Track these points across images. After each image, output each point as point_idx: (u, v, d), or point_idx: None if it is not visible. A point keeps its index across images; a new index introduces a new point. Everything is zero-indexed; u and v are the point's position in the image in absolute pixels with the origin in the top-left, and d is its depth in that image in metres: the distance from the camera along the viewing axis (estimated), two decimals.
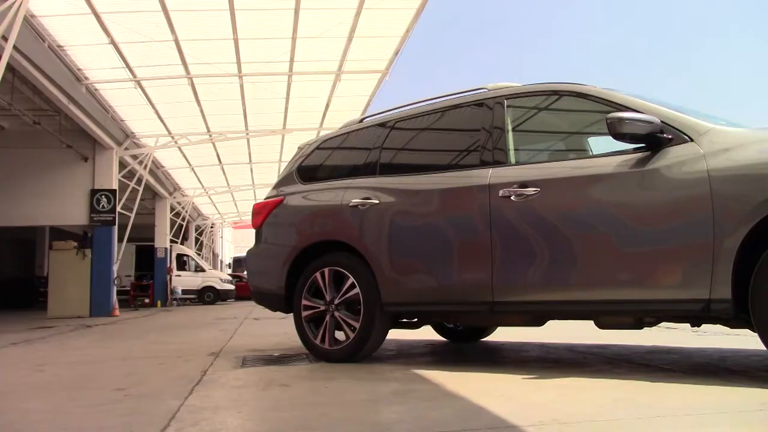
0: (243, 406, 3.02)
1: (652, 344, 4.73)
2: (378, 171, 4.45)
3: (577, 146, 4.40)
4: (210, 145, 18.70)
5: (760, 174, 2.91)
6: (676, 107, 3.41)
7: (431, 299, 4.00)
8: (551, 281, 3.50)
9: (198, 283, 25.06)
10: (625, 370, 3.57)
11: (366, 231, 4.28)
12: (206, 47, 12.31)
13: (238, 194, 27.83)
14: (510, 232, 3.64)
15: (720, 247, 2.95)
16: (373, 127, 4.75)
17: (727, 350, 4.32)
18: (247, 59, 12.94)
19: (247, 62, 13.09)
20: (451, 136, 4.44)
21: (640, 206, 3.26)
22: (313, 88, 14.97)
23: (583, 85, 3.73)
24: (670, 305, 3.18)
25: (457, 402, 2.86)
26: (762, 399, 2.60)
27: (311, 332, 4.47)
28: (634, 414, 2.45)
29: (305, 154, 5.13)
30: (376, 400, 2.99)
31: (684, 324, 3.58)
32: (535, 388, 3.16)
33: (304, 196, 4.83)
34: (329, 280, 4.39)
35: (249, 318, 11.29)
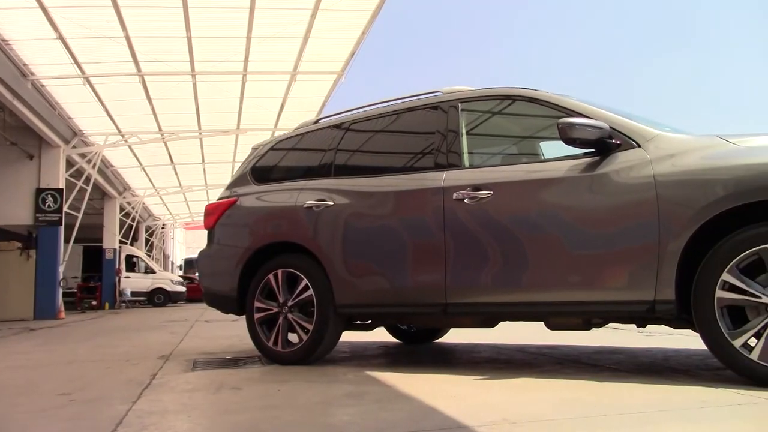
0: (193, 409, 2.97)
1: (600, 345, 4.84)
2: (333, 173, 4.44)
3: (530, 150, 4.48)
4: (162, 144, 18.36)
5: (703, 179, 3.01)
6: (624, 113, 3.50)
7: (385, 301, 4.01)
8: (503, 283, 3.55)
9: (148, 284, 24.56)
10: (573, 370, 3.65)
11: (320, 232, 4.27)
12: (158, 45, 12.09)
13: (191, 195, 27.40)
14: (463, 235, 3.68)
15: (665, 250, 3.05)
16: (328, 128, 4.73)
17: (671, 350, 4.45)
18: (201, 58, 12.76)
19: (200, 61, 12.91)
20: (406, 138, 4.46)
21: (589, 210, 3.34)
22: (268, 88, 14.86)
23: (535, 90, 3.80)
24: (617, 306, 3.26)
25: (410, 403, 2.87)
26: (702, 397, 2.68)
27: (264, 334, 4.43)
28: (581, 413, 2.50)
29: (259, 155, 5.09)
30: (328, 403, 2.98)
31: (630, 325, 3.68)
32: (486, 388, 3.20)
33: (258, 197, 4.78)
34: (282, 281, 4.36)
35: (200, 320, 11.12)
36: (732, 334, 2.88)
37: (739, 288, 2.87)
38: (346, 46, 12.95)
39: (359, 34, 12.37)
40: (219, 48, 12.46)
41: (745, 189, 2.90)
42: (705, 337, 2.99)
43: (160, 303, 24.13)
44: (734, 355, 2.87)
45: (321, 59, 13.47)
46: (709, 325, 2.94)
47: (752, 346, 2.84)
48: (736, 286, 2.88)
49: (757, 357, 2.81)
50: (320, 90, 15.35)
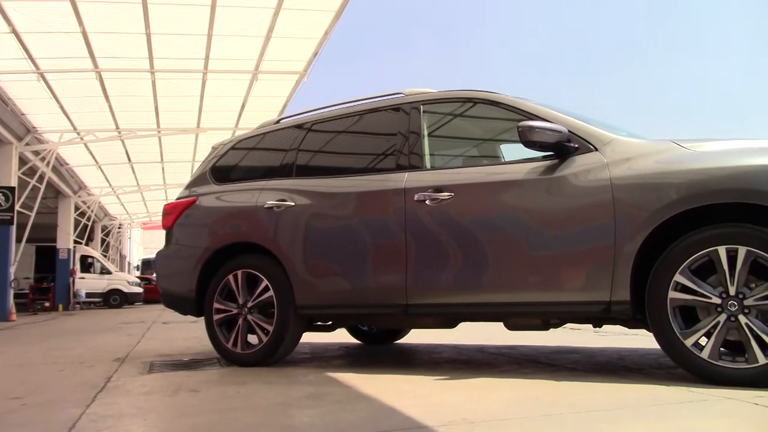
0: (149, 412, 2.91)
1: (558, 344, 4.92)
2: (294, 173, 4.42)
3: (490, 152, 4.52)
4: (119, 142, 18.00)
5: (657, 183, 3.09)
6: (582, 117, 3.57)
7: (346, 302, 4.00)
8: (464, 284, 3.58)
9: (103, 285, 24.02)
10: (532, 370, 3.70)
11: (281, 233, 4.24)
12: (116, 41, 11.85)
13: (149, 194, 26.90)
14: (424, 236, 3.70)
15: (620, 251, 3.12)
16: (289, 128, 4.71)
17: (626, 349, 4.55)
18: (160, 55, 12.55)
19: (159, 58, 12.69)
20: (367, 139, 4.47)
21: (547, 212, 3.39)
22: (229, 87, 14.70)
23: (496, 93, 3.84)
24: (574, 307, 3.32)
25: (371, 404, 2.87)
26: (655, 395, 2.75)
27: (223, 336, 4.38)
28: (539, 412, 2.54)
29: (219, 154, 5.03)
30: (288, 404, 2.96)
31: (587, 325, 3.75)
32: (447, 388, 3.22)
33: (218, 196, 4.73)
34: (242, 282, 4.32)
35: (158, 322, 10.93)
36: (684, 334, 2.96)
37: (690, 289, 2.96)
38: (309, 46, 12.89)
39: (322, 34, 12.33)
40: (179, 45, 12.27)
41: (697, 192, 2.98)
42: (658, 337, 3.07)
43: (116, 304, 23.61)
44: (686, 354, 2.95)
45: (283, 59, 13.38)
46: (662, 325, 3.02)
47: (703, 345, 2.92)
48: (688, 287, 2.96)
49: (707, 355, 2.89)
50: (282, 90, 15.25)
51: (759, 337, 2.79)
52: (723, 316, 2.88)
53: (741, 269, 2.85)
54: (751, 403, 2.49)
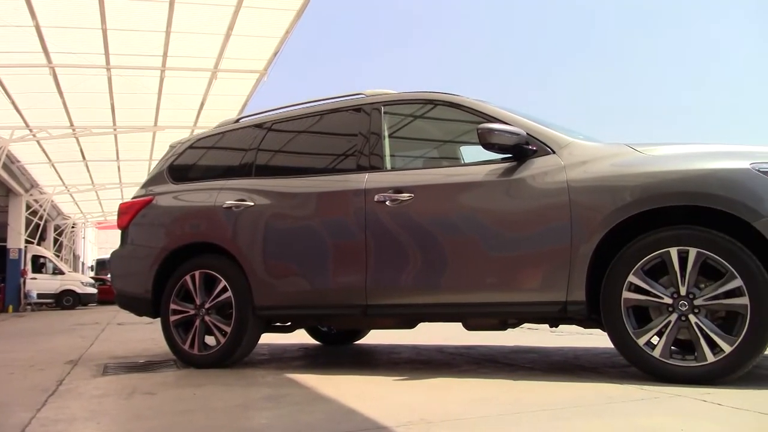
0: (103, 416, 2.85)
1: (515, 344, 4.99)
2: (254, 173, 4.38)
3: (450, 154, 4.56)
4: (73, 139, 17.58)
5: (612, 186, 3.16)
6: (540, 121, 3.62)
7: (305, 302, 3.99)
8: (423, 285, 3.60)
9: (56, 286, 23.40)
10: (490, 370, 3.74)
11: (239, 233, 4.20)
12: (71, 36, 11.57)
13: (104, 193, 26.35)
14: (384, 237, 3.71)
15: (576, 253, 3.17)
16: (249, 127, 4.66)
17: (581, 349, 4.64)
18: (117, 51, 12.31)
19: (116, 54, 12.45)
20: (328, 140, 4.45)
21: (506, 213, 3.43)
22: (187, 85, 14.50)
23: (456, 95, 3.87)
24: (531, 307, 3.37)
25: (329, 405, 2.86)
26: (609, 393, 2.81)
27: (179, 337, 4.31)
28: (497, 411, 2.57)
29: (177, 153, 4.95)
30: (246, 406, 2.93)
31: (544, 325, 3.81)
32: (405, 388, 3.23)
33: (175, 196, 4.65)
34: (200, 283, 4.26)
35: (112, 323, 10.71)
36: (637, 333, 3.03)
37: (643, 289, 3.03)
38: (270, 45, 12.80)
39: (283, 33, 12.26)
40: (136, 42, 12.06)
41: (650, 195, 3.06)
42: (612, 336, 3.14)
43: (69, 305, 23.03)
44: (638, 353, 3.03)
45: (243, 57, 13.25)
46: (616, 324, 3.09)
47: (655, 344, 3.00)
48: (641, 287, 3.03)
49: (659, 354, 2.97)
50: (242, 88, 15.11)
51: (708, 336, 2.87)
52: (674, 315, 2.96)
53: (691, 270, 2.94)
54: (699, 400, 2.56)
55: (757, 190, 2.88)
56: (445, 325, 4.29)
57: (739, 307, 2.84)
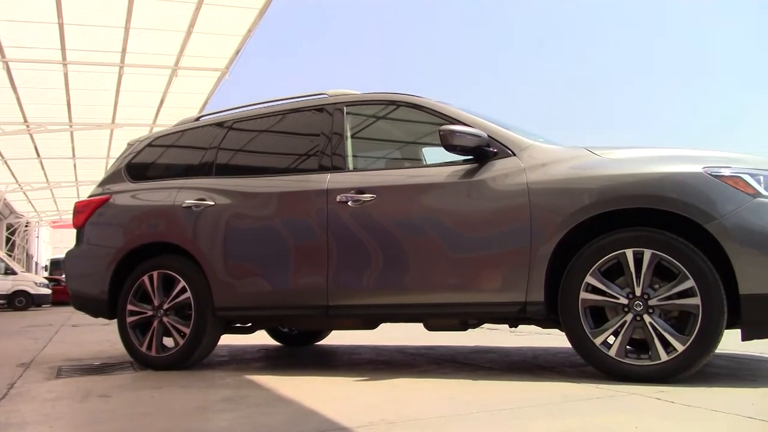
0: (56, 420, 2.78)
1: (476, 344, 5.03)
2: (214, 172, 4.33)
3: (413, 155, 4.58)
4: (27, 136, 17.11)
5: (571, 188, 3.22)
6: (501, 123, 3.66)
7: (266, 303, 3.95)
8: (384, 285, 3.60)
9: (8, 287, 22.68)
10: (450, 370, 3.76)
11: (199, 233, 4.14)
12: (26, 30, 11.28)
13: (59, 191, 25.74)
14: (346, 237, 3.70)
15: (536, 254, 3.22)
16: (210, 126, 4.61)
17: (540, 348, 4.71)
18: (74, 46, 12.04)
19: (73, 49, 12.17)
20: (290, 139, 4.43)
21: (467, 214, 3.46)
22: (147, 82, 14.27)
23: (419, 97, 3.89)
24: (491, 308, 3.41)
25: (290, 406, 2.85)
26: (565, 392, 2.86)
27: (137, 339, 4.23)
28: (456, 411, 2.59)
29: (135, 151, 4.86)
30: (205, 408, 2.90)
31: (504, 325, 3.86)
32: (366, 389, 3.23)
33: (133, 195, 4.57)
34: (158, 283, 4.19)
35: (67, 325, 10.45)
36: (593, 333, 3.09)
37: (600, 290, 3.09)
38: (232, 43, 12.70)
39: (245, 31, 12.17)
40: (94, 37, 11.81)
41: (607, 198, 3.13)
42: (570, 336, 3.20)
43: (21, 306, 22.35)
44: (595, 352, 3.09)
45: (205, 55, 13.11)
46: (573, 324, 3.14)
47: (611, 343, 3.06)
48: (598, 288, 3.09)
49: (615, 353, 3.03)
50: (203, 86, 14.94)
51: (662, 336, 2.95)
52: (629, 315, 3.02)
53: (646, 271, 3.01)
54: (653, 398, 2.62)
55: (709, 193, 2.96)
56: (406, 326, 4.30)
57: (691, 307, 2.92)
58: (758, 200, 2.93)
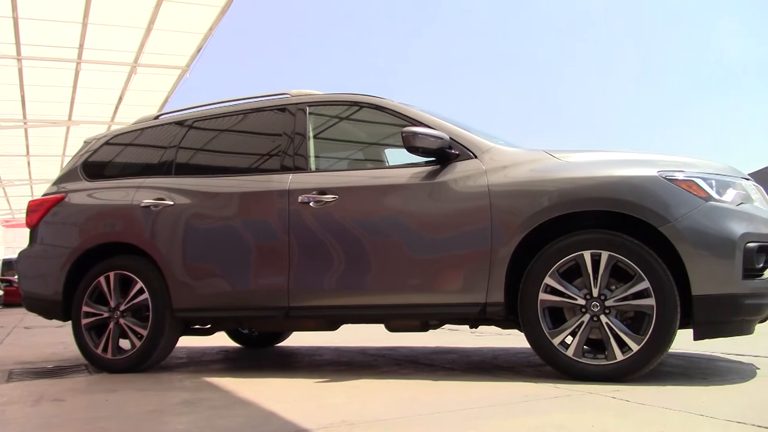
0: (6, 425, 2.70)
1: (436, 345, 5.06)
2: (174, 171, 4.27)
3: (375, 156, 4.59)
4: None
5: (531, 190, 3.26)
6: (463, 125, 3.70)
7: (226, 305, 3.91)
8: (346, 286, 3.60)
9: None
10: (411, 370, 3.78)
11: (158, 233, 4.08)
12: None
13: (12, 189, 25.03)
14: (307, 238, 3.69)
15: (496, 255, 3.26)
16: (170, 124, 4.54)
17: (499, 349, 4.75)
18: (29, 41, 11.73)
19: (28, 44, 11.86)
20: (252, 139, 4.39)
21: (429, 216, 3.48)
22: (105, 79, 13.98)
23: (381, 98, 3.90)
24: (452, 309, 3.43)
25: (249, 408, 2.82)
26: (524, 391, 2.89)
27: (92, 341, 4.14)
28: (417, 411, 2.60)
29: (92, 149, 4.76)
30: (162, 411, 2.85)
31: (464, 325, 3.89)
32: (327, 390, 3.22)
33: (90, 194, 4.47)
34: (115, 284, 4.11)
35: (19, 327, 10.16)
36: (552, 333, 3.14)
37: (558, 291, 3.14)
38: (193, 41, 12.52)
39: (207, 29, 12.02)
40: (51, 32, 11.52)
41: (566, 200, 3.18)
42: (529, 336, 3.24)
43: None
44: (553, 352, 3.13)
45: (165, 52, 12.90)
46: (532, 325, 3.19)
47: (568, 343, 3.12)
48: (557, 289, 3.14)
49: (572, 353, 3.08)
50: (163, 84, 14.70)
51: (617, 336, 3.01)
52: (587, 316, 3.08)
53: (603, 273, 3.07)
54: (609, 397, 2.68)
55: (663, 196, 3.04)
56: (368, 327, 4.30)
57: (646, 308, 2.99)
58: (710, 203, 3.02)
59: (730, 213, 3.02)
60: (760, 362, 3.58)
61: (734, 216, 3.02)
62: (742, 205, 3.09)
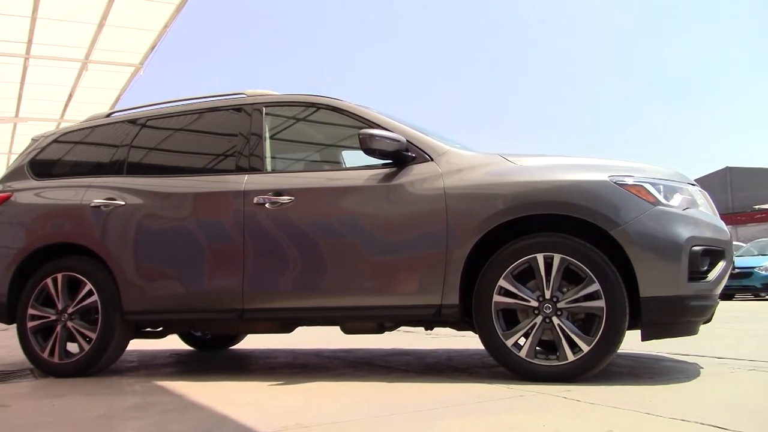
0: None
1: (392, 347, 5.07)
2: (125, 170, 4.17)
3: (332, 158, 4.58)
4: None
5: (486, 193, 3.30)
6: (420, 128, 3.72)
7: (178, 307, 3.84)
8: (301, 288, 3.58)
9: None
10: (366, 373, 3.77)
11: (108, 234, 3.98)
12: None
13: None
14: (263, 239, 3.65)
15: (451, 257, 3.28)
16: (122, 123, 4.44)
17: (454, 350, 4.79)
18: None
19: None
20: (207, 139, 4.33)
21: (385, 218, 3.49)
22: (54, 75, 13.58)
23: (339, 99, 3.89)
24: (408, 311, 3.45)
25: (201, 413, 2.77)
26: (478, 392, 2.92)
27: (38, 345, 4.01)
28: (372, 413, 2.60)
29: (40, 147, 4.62)
30: (111, 416, 2.78)
31: (419, 327, 3.91)
32: (281, 393, 3.19)
33: (37, 193, 4.34)
34: (63, 286, 3.99)
35: None
36: (505, 335, 3.18)
37: (512, 293, 3.19)
38: (147, 38, 12.28)
39: (161, 26, 11.80)
40: None
41: (520, 204, 3.23)
42: (483, 338, 3.27)
43: None
44: (507, 354, 3.18)
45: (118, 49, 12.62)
46: (486, 326, 3.22)
47: (521, 345, 3.16)
48: (510, 291, 3.19)
49: (525, 354, 3.13)
50: (115, 82, 14.37)
51: (569, 337, 3.07)
52: (539, 317, 3.13)
53: (556, 275, 3.12)
54: (560, 397, 2.73)
55: (614, 201, 3.11)
56: (323, 329, 4.28)
57: (597, 309, 3.05)
58: (658, 208, 3.10)
59: (677, 217, 3.12)
60: (704, 362, 3.71)
61: (681, 220, 3.12)
62: (688, 209, 3.19)
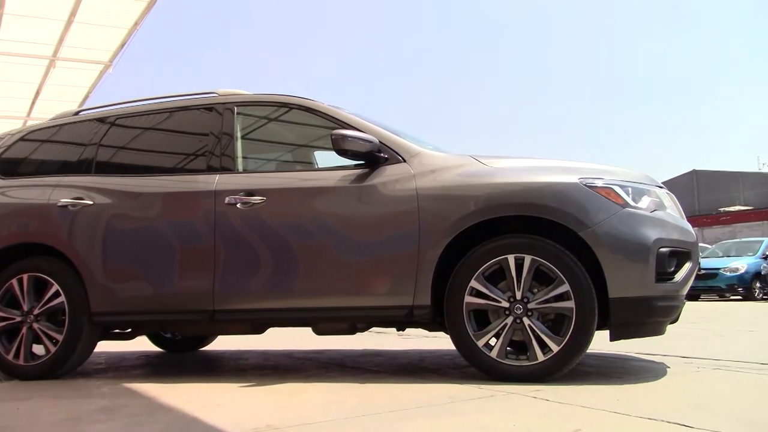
0: None
1: (363, 348, 5.07)
2: (94, 170, 4.11)
3: (304, 158, 4.56)
4: None
5: (458, 195, 3.32)
6: (392, 129, 3.72)
7: (148, 308, 3.79)
8: (272, 289, 3.56)
9: None
10: (337, 374, 3.77)
11: (76, 234, 3.91)
12: None
13: None
14: (234, 240, 3.62)
15: (423, 258, 3.29)
16: (90, 121, 4.37)
17: (426, 351, 4.81)
18: None
19: None
20: (177, 138, 4.28)
21: (357, 219, 3.49)
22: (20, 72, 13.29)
23: (311, 100, 3.88)
24: (380, 311, 3.45)
25: (170, 415, 2.74)
26: (450, 393, 2.94)
27: (2, 347, 3.93)
28: (343, 414, 2.60)
29: (6, 145, 4.52)
30: (77, 419, 2.73)
31: (391, 328, 3.91)
32: (252, 395, 3.17)
33: (2, 192, 4.25)
34: (28, 287, 3.91)
35: None
36: (476, 335, 3.20)
37: (483, 293, 3.21)
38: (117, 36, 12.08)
39: (131, 24, 11.62)
40: None
41: (492, 205, 3.26)
42: (454, 338, 3.29)
43: None
44: (478, 354, 3.20)
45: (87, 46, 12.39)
46: (457, 327, 3.24)
47: (492, 345, 3.19)
48: (482, 291, 3.21)
49: (496, 355, 3.15)
50: (84, 80, 14.11)
51: (539, 337, 3.11)
52: (510, 318, 3.16)
53: (526, 276, 3.16)
54: (530, 397, 2.75)
55: (584, 203, 3.16)
56: (295, 330, 4.26)
57: (566, 310, 3.09)
58: (627, 210, 3.16)
59: (645, 219, 3.17)
60: (671, 361, 3.77)
61: (648, 222, 3.17)
62: (656, 212, 3.25)
